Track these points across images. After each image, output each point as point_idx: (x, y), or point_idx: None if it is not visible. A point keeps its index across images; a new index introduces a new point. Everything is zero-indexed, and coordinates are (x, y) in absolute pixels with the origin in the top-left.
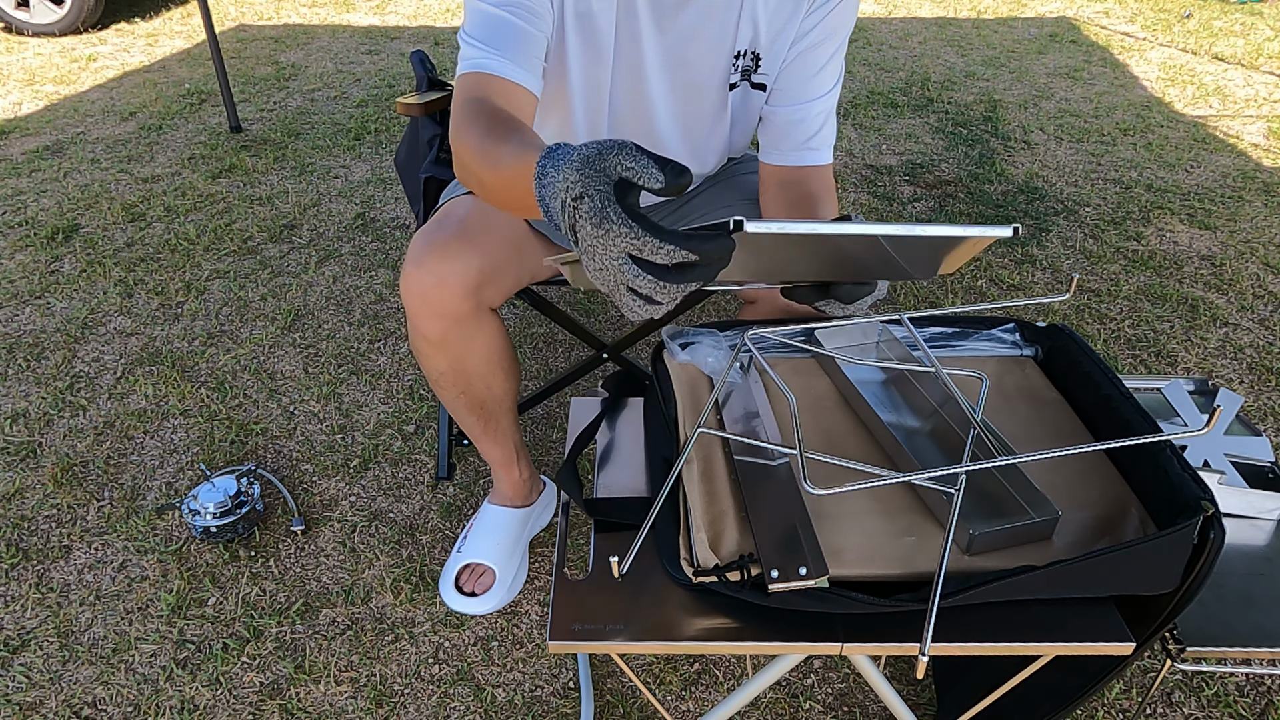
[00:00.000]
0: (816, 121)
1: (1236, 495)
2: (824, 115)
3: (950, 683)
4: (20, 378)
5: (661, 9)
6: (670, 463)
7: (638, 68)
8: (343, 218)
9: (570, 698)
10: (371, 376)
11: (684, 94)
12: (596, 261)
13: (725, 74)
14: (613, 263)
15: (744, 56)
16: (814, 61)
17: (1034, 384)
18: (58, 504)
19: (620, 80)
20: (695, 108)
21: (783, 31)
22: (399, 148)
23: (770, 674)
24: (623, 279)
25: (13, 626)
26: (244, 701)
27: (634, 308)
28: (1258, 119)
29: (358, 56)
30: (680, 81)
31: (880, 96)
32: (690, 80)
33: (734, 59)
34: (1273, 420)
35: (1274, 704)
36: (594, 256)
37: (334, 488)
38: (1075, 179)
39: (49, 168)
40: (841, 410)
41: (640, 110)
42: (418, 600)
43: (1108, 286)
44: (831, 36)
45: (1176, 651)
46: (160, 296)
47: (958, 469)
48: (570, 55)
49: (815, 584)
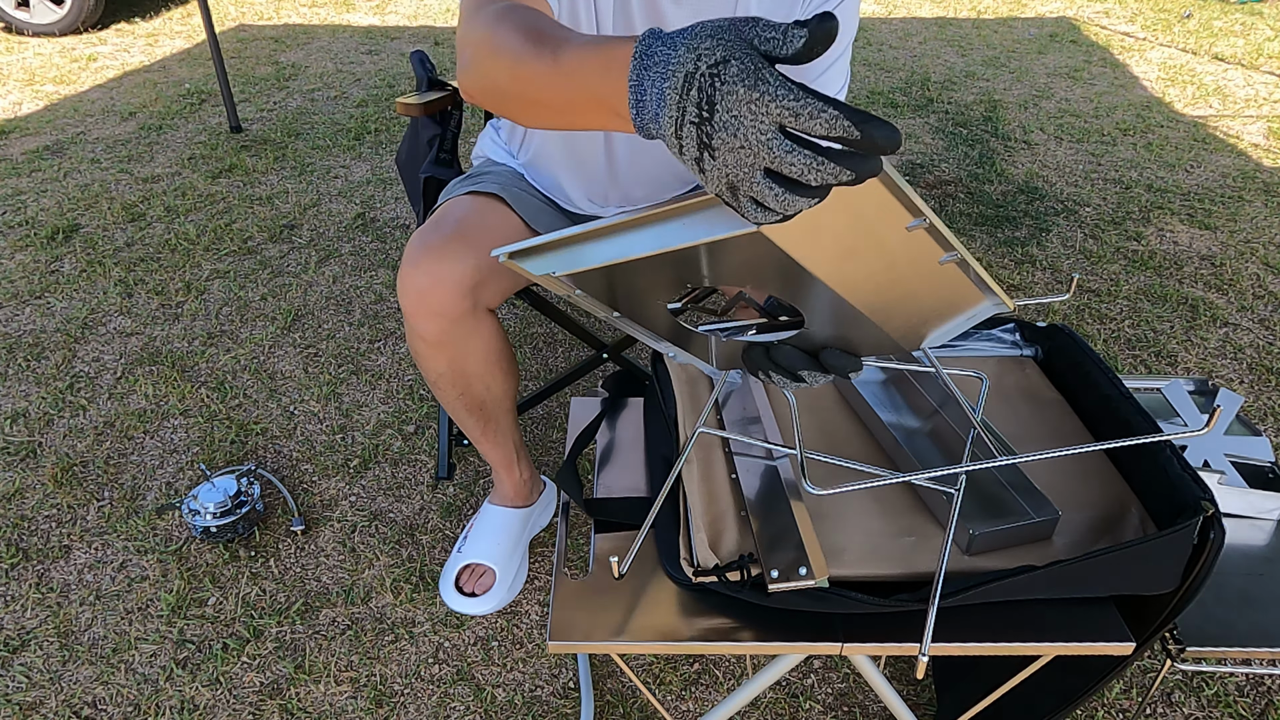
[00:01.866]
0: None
1: (1236, 495)
2: None
3: (950, 683)
4: (20, 378)
5: (661, 9)
6: (670, 463)
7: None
8: (343, 218)
9: (570, 698)
10: (371, 376)
11: None
12: (738, 138)
13: None
14: (760, 137)
15: None
16: (814, 68)
17: (1034, 384)
18: (58, 504)
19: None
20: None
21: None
22: (400, 148)
23: (770, 674)
24: (768, 158)
25: (13, 626)
26: (244, 701)
27: (756, 213)
28: (1258, 119)
29: (358, 56)
30: None
31: (880, 96)
32: None
33: None
34: (1273, 420)
35: (1274, 704)
36: (737, 131)
37: (334, 488)
38: (1075, 179)
39: (49, 168)
40: (841, 410)
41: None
42: (418, 600)
43: (1108, 286)
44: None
45: (1176, 651)
46: (160, 296)
47: (958, 469)
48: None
49: (815, 584)
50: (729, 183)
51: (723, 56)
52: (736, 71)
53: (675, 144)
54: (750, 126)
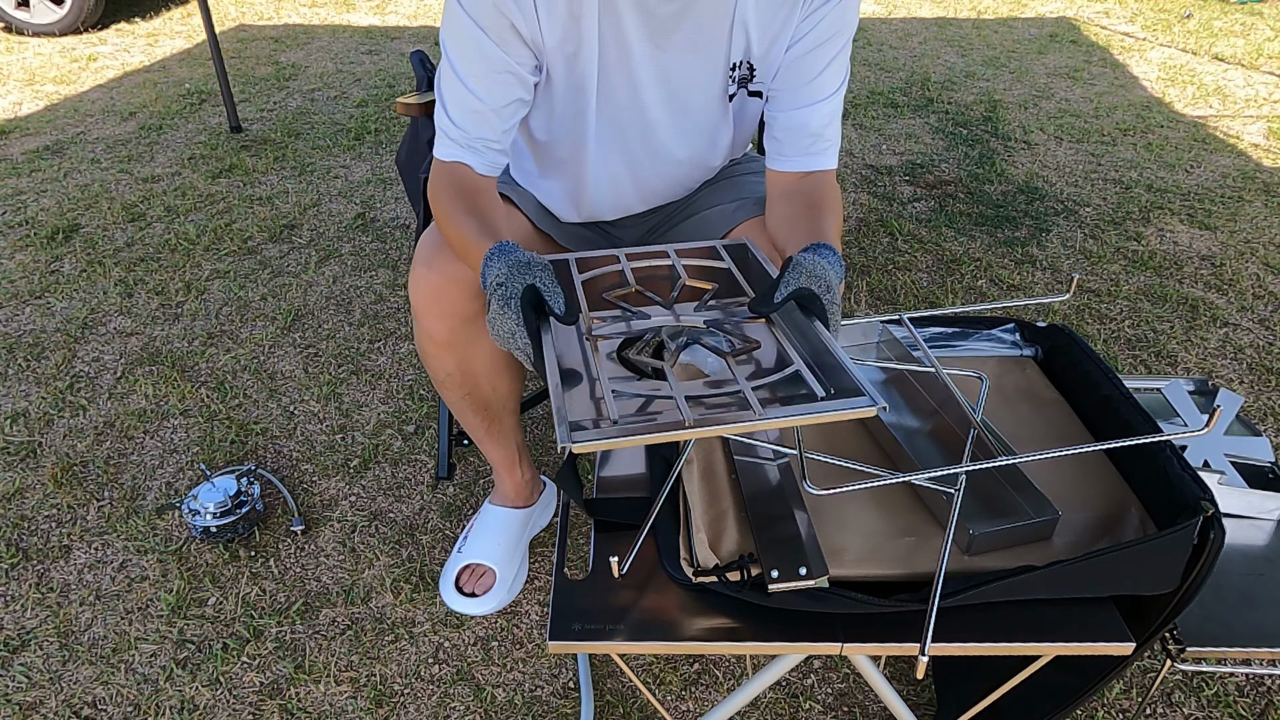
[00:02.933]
0: (819, 125)
1: (1236, 495)
2: (827, 119)
3: (950, 683)
4: (20, 378)
5: (654, 29)
6: (670, 463)
7: (632, 89)
8: (343, 218)
9: (570, 698)
10: (371, 376)
11: (683, 110)
12: (496, 327)
13: (724, 87)
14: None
15: (739, 67)
16: (814, 65)
17: (1034, 384)
18: (58, 504)
19: (610, 102)
20: (695, 121)
21: (777, 38)
22: (400, 147)
23: (770, 674)
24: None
25: (13, 626)
26: (244, 701)
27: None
28: (1258, 119)
29: (358, 56)
30: (679, 98)
31: (880, 96)
32: (689, 97)
33: (730, 70)
34: (1273, 420)
35: (1274, 704)
36: (495, 324)
37: (334, 488)
38: (1075, 179)
39: (49, 168)
40: None
41: (637, 128)
42: (418, 600)
43: (1108, 287)
44: (833, 39)
45: (1176, 652)
46: (160, 296)
47: (958, 469)
48: (556, 88)
49: (815, 584)
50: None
51: (500, 281)
52: (502, 294)
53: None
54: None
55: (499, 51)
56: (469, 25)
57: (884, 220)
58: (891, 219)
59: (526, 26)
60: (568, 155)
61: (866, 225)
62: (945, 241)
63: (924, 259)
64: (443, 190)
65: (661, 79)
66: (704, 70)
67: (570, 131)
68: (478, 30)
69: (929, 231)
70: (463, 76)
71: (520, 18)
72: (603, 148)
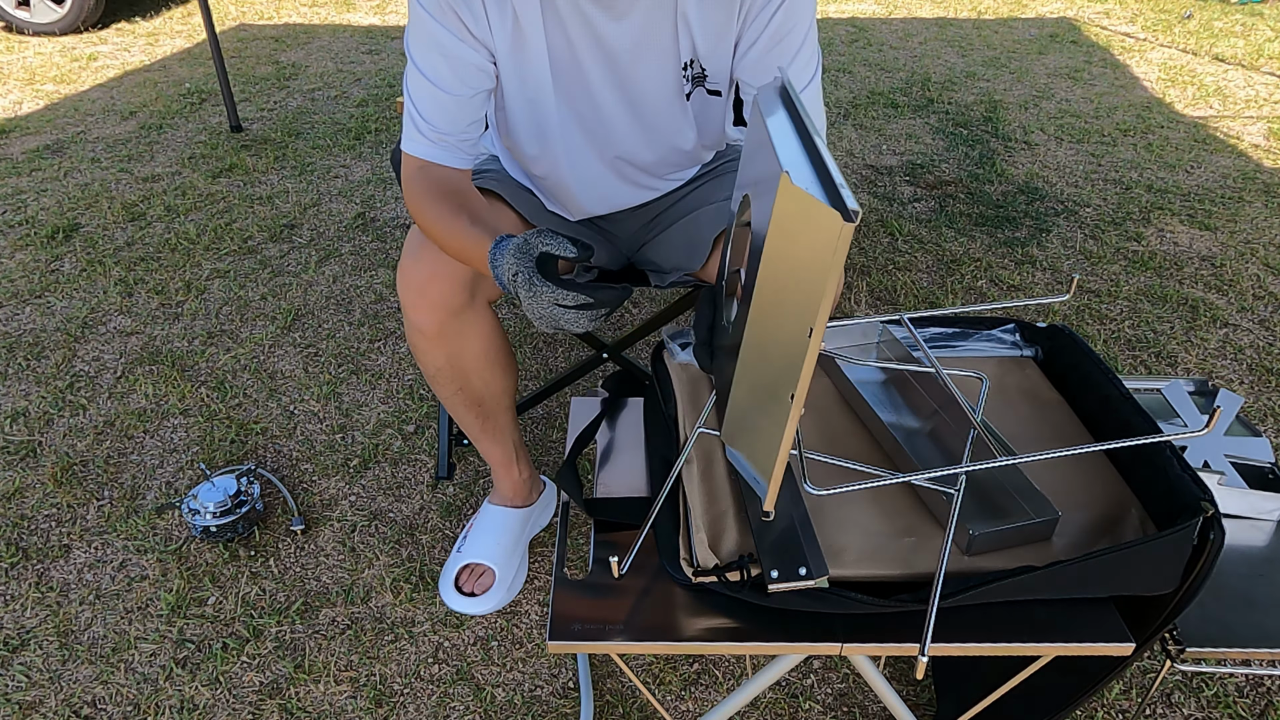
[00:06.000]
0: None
1: (1236, 496)
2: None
3: (950, 683)
4: (20, 377)
5: (599, 34)
6: (670, 463)
7: (587, 94)
8: (343, 217)
9: (570, 698)
10: (371, 376)
11: (640, 111)
12: (535, 312)
13: (678, 85)
14: (546, 310)
15: (691, 65)
16: (778, 60)
17: (1034, 384)
18: (58, 503)
19: (568, 108)
20: (654, 120)
21: (720, 40)
22: (396, 146)
23: (770, 674)
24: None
25: (13, 626)
26: (244, 701)
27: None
28: (1258, 120)
29: (358, 56)
30: (633, 98)
31: (880, 96)
32: (643, 96)
33: (682, 69)
34: (1273, 421)
35: (1274, 705)
36: (533, 310)
37: (334, 487)
38: (1075, 179)
39: (49, 167)
40: (841, 410)
41: (599, 131)
42: (417, 600)
43: (1108, 287)
44: (790, 34)
45: (1176, 652)
46: (160, 296)
47: (958, 469)
48: (512, 96)
49: (815, 584)
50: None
51: (516, 270)
52: (522, 281)
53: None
54: (538, 305)
55: (459, 44)
56: (428, 21)
57: (884, 220)
58: (892, 219)
59: (478, 30)
60: (543, 160)
61: (866, 225)
62: (945, 242)
63: (924, 259)
64: (423, 194)
65: (615, 82)
66: (656, 71)
67: (537, 138)
68: (437, 25)
69: (929, 232)
70: (426, 71)
71: (472, 20)
72: (572, 152)
